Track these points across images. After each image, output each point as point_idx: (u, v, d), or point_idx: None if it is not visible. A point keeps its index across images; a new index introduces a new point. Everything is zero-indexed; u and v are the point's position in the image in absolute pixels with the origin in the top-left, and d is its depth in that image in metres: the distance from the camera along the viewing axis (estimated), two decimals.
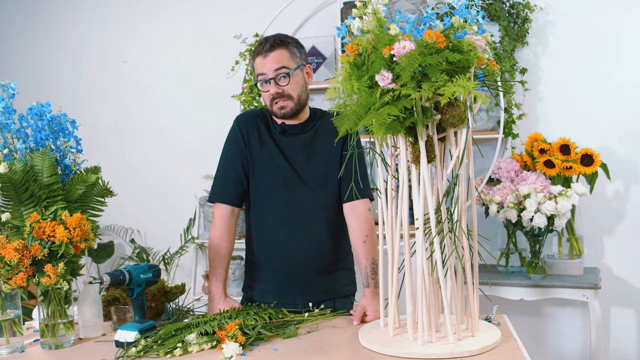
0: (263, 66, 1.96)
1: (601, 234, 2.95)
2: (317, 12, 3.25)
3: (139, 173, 3.57)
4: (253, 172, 2.05)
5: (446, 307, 1.51)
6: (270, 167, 2.03)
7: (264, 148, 2.04)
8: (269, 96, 1.98)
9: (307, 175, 2.03)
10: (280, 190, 2.02)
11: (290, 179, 2.02)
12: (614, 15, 2.89)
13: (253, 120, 2.08)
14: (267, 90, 1.98)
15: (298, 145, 2.04)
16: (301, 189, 2.02)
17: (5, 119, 1.74)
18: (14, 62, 3.79)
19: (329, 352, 1.57)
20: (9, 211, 1.70)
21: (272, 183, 2.03)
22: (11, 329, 1.67)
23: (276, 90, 1.96)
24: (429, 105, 1.46)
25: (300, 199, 2.02)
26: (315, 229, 2.03)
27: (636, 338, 2.94)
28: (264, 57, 1.96)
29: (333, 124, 1.98)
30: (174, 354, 1.57)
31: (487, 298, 1.92)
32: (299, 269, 2.02)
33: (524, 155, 2.78)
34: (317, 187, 2.03)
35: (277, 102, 1.98)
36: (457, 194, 1.50)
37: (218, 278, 2.02)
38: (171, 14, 3.52)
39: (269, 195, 2.04)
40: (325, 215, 2.04)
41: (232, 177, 2.05)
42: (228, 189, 2.05)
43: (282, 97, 1.97)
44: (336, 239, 2.07)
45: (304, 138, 2.05)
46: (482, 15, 1.48)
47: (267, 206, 2.05)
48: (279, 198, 2.02)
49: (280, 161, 2.02)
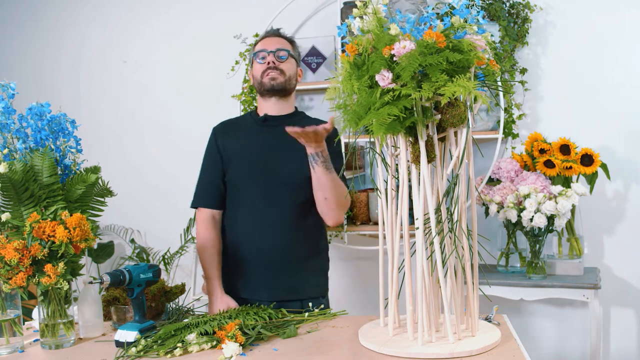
0: (265, 44, 2.09)
1: (601, 234, 2.95)
2: (317, 12, 3.25)
3: (139, 173, 3.56)
4: (228, 169, 2.09)
5: (446, 307, 1.51)
6: (244, 160, 2.07)
7: (241, 143, 2.10)
8: (262, 67, 2.06)
9: (283, 169, 2.05)
10: (254, 183, 2.05)
11: (264, 172, 2.05)
12: (614, 15, 2.89)
13: (229, 125, 2.18)
14: (263, 60, 2.07)
15: (279, 137, 2.01)
16: (275, 182, 2.04)
17: (5, 119, 1.75)
18: (14, 62, 3.78)
19: (329, 352, 1.57)
20: (9, 211, 1.70)
21: (245, 175, 2.06)
22: (11, 329, 1.67)
23: (272, 60, 2.05)
24: (429, 105, 1.46)
25: (274, 192, 2.05)
26: (286, 223, 2.05)
27: (636, 338, 2.94)
28: (268, 37, 2.11)
29: (313, 122, 2.06)
30: (174, 354, 1.57)
31: (487, 298, 1.92)
32: (265, 262, 2.04)
33: (524, 155, 2.78)
34: (292, 181, 2.05)
35: (270, 73, 2.06)
36: (457, 194, 1.50)
37: (212, 277, 2.06)
38: (171, 14, 3.52)
39: (242, 187, 2.07)
40: (297, 210, 2.06)
41: (210, 184, 2.12)
42: (207, 194, 2.12)
43: (276, 69, 2.06)
44: (308, 237, 2.10)
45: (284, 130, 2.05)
46: (482, 15, 1.48)
47: (239, 198, 2.08)
48: (252, 190, 2.06)
49: (256, 155, 2.07)
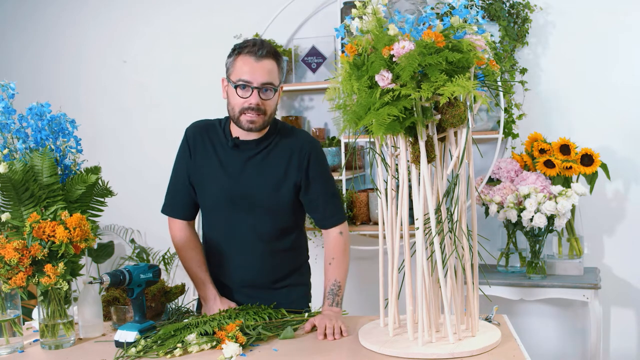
0: (251, 72, 1.82)
1: (601, 234, 2.95)
2: (317, 12, 3.24)
3: (139, 173, 3.56)
4: (198, 185, 1.98)
5: (446, 307, 1.51)
6: (212, 184, 1.95)
7: (209, 163, 1.95)
8: (243, 104, 1.84)
9: (257, 195, 1.92)
10: (222, 208, 1.95)
11: (231, 198, 1.93)
12: (614, 15, 2.88)
13: (204, 131, 1.99)
14: (246, 97, 1.83)
15: (248, 163, 1.93)
16: (250, 208, 1.93)
17: (5, 119, 1.74)
18: (14, 62, 3.79)
19: (329, 352, 1.57)
20: (9, 211, 1.70)
21: (214, 200, 1.96)
22: (11, 329, 1.67)
23: (257, 102, 1.83)
24: (429, 105, 1.46)
25: (241, 218, 1.94)
26: (255, 248, 1.96)
27: (636, 338, 2.94)
28: (256, 60, 1.82)
29: (289, 144, 1.94)
30: (174, 354, 1.57)
31: (487, 298, 1.92)
32: (240, 285, 1.99)
33: (524, 155, 2.78)
34: (268, 207, 1.93)
35: (249, 114, 1.84)
36: (457, 194, 1.50)
37: (204, 282, 1.98)
38: (171, 14, 3.52)
39: (212, 211, 1.99)
40: (273, 235, 1.96)
41: (180, 192, 2.01)
42: (177, 203, 2.02)
43: (258, 111, 1.84)
44: (283, 258, 2.01)
45: (255, 155, 1.94)
46: (482, 15, 1.48)
47: (210, 221, 2.01)
48: (221, 216, 1.96)
49: (223, 179, 1.93)
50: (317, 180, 1.96)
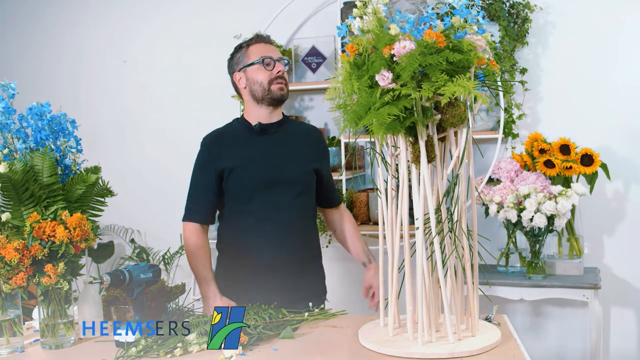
0: (268, 50, 2.07)
1: (601, 234, 2.95)
2: (317, 12, 3.25)
3: (139, 173, 3.56)
4: (229, 181, 2.07)
5: (446, 307, 1.51)
6: (247, 171, 2.06)
7: (240, 154, 2.08)
8: (271, 75, 2.05)
9: (288, 176, 2.08)
10: (260, 192, 2.05)
11: (270, 181, 2.05)
12: (614, 15, 2.88)
13: (220, 137, 2.14)
14: (272, 68, 2.05)
15: (276, 144, 2.10)
16: (282, 189, 2.06)
17: (5, 119, 1.74)
18: (14, 62, 3.78)
19: (329, 352, 1.57)
20: (9, 211, 1.70)
21: (251, 186, 2.06)
22: (11, 329, 1.67)
23: (283, 69, 2.07)
24: (429, 105, 1.46)
25: (282, 199, 2.06)
26: (297, 228, 2.09)
27: (636, 338, 2.94)
28: (266, 44, 2.09)
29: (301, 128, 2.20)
30: (174, 354, 1.57)
31: (487, 298, 1.92)
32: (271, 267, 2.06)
33: (524, 155, 2.78)
34: (298, 187, 2.09)
35: (278, 82, 2.06)
36: (457, 194, 1.50)
37: (207, 280, 2.05)
38: (171, 14, 3.52)
39: (248, 198, 2.06)
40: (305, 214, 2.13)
41: (201, 197, 2.11)
42: (198, 208, 2.11)
43: (283, 79, 2.08)
44: (315, 240, 2.20)
45: (280, 137, 2.12)
46: (482, 15, 1.48)
47: (245, 209, 2.08)
48: (259, 200, 2.06)
49: (259, 164, 2.06)
50: (326, 160, 2.23)
